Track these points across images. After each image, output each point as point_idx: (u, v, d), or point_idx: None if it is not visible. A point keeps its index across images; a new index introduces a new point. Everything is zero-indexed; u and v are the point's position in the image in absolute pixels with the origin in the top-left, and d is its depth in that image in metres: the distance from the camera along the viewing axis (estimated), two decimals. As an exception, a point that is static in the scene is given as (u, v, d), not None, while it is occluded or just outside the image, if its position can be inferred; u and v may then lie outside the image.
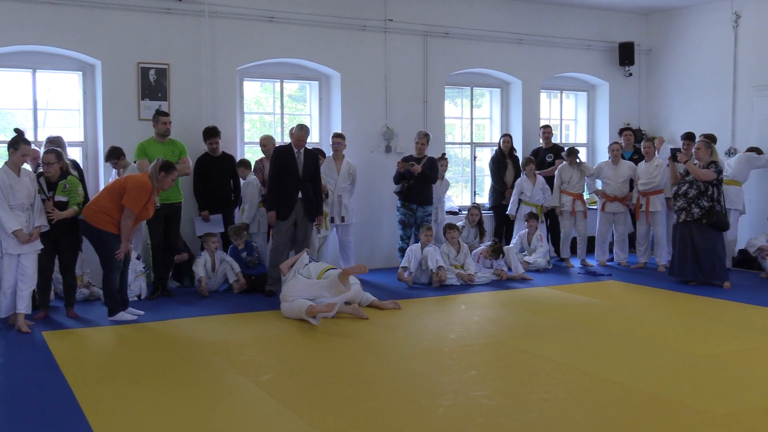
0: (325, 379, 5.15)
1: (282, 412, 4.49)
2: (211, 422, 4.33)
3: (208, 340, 6.27)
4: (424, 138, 9.55)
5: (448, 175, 10.39)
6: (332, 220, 9.31)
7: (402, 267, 8.96)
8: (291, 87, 10.54)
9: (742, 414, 4.44)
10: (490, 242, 9.53)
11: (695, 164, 8.65)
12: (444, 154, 10.07)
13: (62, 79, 9.07)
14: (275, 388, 4.93)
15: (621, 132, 11.01)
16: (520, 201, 10.31)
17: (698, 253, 8.65)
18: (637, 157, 10.57)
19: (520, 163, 10.61)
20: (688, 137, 9.73)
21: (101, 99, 8.77)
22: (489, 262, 9.31)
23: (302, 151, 8.30)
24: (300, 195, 8.26)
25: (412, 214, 9.44)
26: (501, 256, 9.34)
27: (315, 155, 8.60)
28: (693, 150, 8.85)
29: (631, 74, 12.15)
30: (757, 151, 10.05)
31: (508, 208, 10.41)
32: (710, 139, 9.18)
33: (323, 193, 8.87)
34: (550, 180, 10.49)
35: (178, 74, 9.06)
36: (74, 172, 7.33)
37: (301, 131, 8.31)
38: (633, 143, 10.96)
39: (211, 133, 8.79)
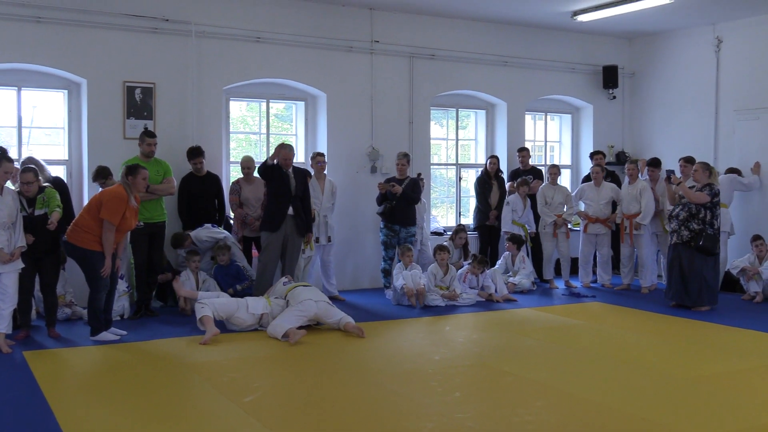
0: (309, 401, 5.13)
1: (264, 435, 4.46)
2: (193, 444, 4.30)
3: (191, 360, 6.23)
4: (404, 158, 9.56)
5: (433, 195, 10.36)
6: (317, 240, 9.28)
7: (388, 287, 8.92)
8: (277, 107, 10.56)
9: (724, 437, 4.46)
10: (471, 260, 9.53)
11: (691, 187, 8.60)
12: (419, 175, 10.07)
13: (47, 97, 9.04)
14: (258, 410, 4.90)
15: (592, 156, 10.88)
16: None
17: (685, 276, 8.61)
18: (610, 179, 10.64)
19: (511, 183, 10.54)
20: (688, 161, 9.24)
21: (86, 117, 8.74)
22: (475, 281, 9.30)
23: (290, 169, 8.34)
24: (291, 211, 8.28)
25: (395, 235, 9.43)
26: (487, 266, 9.35)
27: (304, 172, 8.64)
28: (691, 172, 8.77)
29: (614, 97, 12.27)
30: (737, 172, 10.16)
31: (503, 226, 10.35)
32: (689, 162, 9.14)
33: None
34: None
35: (164, 93, 9.05)
36: (46, 184, 7.21)
37: (284, 149, 8.28)
38: (605, 166, 10.91)
39: (194, 153, 8.78)
